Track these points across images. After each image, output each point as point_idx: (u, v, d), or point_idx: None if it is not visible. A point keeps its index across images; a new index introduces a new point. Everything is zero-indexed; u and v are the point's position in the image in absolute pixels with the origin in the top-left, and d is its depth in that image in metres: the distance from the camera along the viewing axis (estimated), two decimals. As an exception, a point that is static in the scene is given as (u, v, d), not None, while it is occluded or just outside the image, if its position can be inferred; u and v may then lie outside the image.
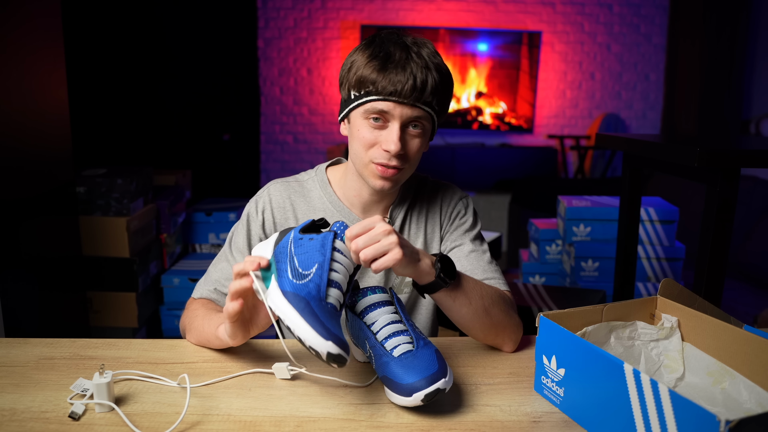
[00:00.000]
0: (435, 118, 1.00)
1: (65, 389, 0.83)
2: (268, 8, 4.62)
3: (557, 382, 0.82)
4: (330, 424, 0.76)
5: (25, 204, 1.82)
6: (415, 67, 0.93)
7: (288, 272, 0.80)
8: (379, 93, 0.94)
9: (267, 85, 4.73)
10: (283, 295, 0.77)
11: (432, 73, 0.94)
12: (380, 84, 0.93)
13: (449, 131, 4.81)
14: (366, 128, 0.98)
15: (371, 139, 0.97)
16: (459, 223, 1.13)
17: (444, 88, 0.97)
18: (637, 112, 4.85)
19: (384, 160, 0.97)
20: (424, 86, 0.93)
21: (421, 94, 0.94)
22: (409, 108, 0.95)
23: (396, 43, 0.96)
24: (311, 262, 0.80)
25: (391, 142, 0.95)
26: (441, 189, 1.15)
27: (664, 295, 0.93)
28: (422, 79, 0.93)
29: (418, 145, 0.99)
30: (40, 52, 1.89)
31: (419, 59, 0.94)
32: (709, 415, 0.60)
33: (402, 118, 0.95)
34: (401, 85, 0.92)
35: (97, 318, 2.45)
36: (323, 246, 0.82)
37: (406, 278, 1.11)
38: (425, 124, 0.98)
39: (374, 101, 0.95)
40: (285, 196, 1.10)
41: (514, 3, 4.68)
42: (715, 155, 1.27)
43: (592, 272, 2.41)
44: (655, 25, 4.71)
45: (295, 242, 0.83)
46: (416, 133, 0.98)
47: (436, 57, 0.97)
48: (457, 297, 0.91)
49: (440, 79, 0.96)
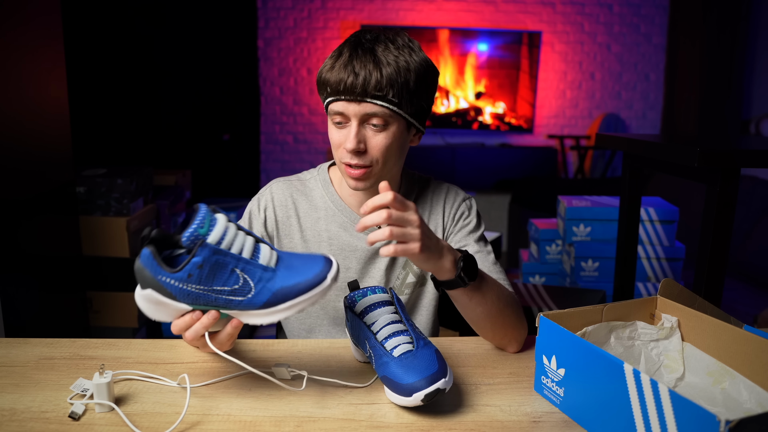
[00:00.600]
0: (401, 112, 0.97)
1: (65, 389, 0.83)
2: (268, 8, 4.62)
3: (557, 382, 0.82)
4: (330, 424, 0.76)
5: (25, 204, 1.82)
6: (358, 64, 0.93)
7: (227, 297, 0.75)
8: (330, 94, 0.96)
9: (267, 85, 4.73)
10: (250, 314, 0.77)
11: (381, 67, 0.93)
12: (330, 84, 0.95)
13: (449, 131, 4.81)
14: (333, 129, 1.00)
15: (337, 139, 0.99)
16: (463, 224, 1.12)
17: (404, 80, 0.95)
18: (637, 112, 4.85)
19: (347, 160, 0.98)
20: (366, 82, 0.92)
21: (365, 89, 0.93)
22: (357, 104, 0.94)
23: (350, 42, 0.97)
24: (223, 277, 0.74)
25: (347, 140, 0.96)
26: (444, 190, 1.15)
27: (664, 295, 0.93)
28: (364, 75, 0.92)
29: (384, 141, 0.97)
30: (40, 51, 1.89)
31: (366, 55, 0.93)
32: (709, 415, 0.60)
33: (357, 116, 0.95)
34: (343, 84, 0.93)
35: (97, 318, 2.45)
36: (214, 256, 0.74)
37: (408, 278, 1.11)
38: (387, 119, 0.96)
39: (331, 102, 0.97)
40: (287, 195, 1.11)
41: (514, 3, 4.68)
42: (715, 155, 1.27)
43: (592, 272, 2.41)
44: (655, 25, 4.71)
45: (184, 279, 0.73)
46: (377, 129, 0.97)
47: (398, 50, 0.95)
48: (473, 296, 0.91)
49: (393, 72, 0.93)
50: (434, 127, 4.77)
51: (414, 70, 0.96)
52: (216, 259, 0.73)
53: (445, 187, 1.15)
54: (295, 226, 1.10)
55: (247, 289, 0.75)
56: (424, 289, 1.13)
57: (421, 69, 0.97)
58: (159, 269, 0.73)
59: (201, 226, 0.73)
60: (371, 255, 1.09)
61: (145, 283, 0.75)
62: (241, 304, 0.76)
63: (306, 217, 1.10)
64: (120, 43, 3.94)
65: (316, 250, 1.09)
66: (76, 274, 2.19)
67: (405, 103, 0.96)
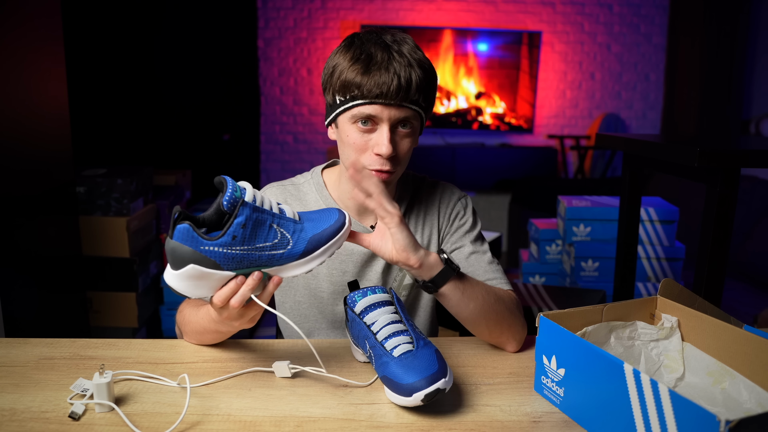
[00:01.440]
0: (423, 116, 0.98)
1: (65, 389, 0.83)
2: (268, 8, 4.62)
3: (557, 382, 0.82)
4: (330, 424, 0.76)
5: (25, 204, 1.82)
6: (398, 66, 0.92)
7: (270, 253, 0.79)
8: (365, 96, 0.92)
9: (267, 85, 4.73)
10: (290, 267, 0.82)
11: (415, 70, 0.93)
12: (365, 87, 0.92)
13: (449, 131, 4.81)
14: (355, 132, 0.96)
15: (361, 143, 0.96)
16: (459, 224, 1.12)
17: (429, 84, 0.96)
18: (637, 112, 4.85)
19: (378, 166, 0.96)
20: (409, 85, 0.92)
21: (407, 93, 0.92)
22: (396, 109, 0.93)
23: (376, 43, 0.94)
24: (264, 233, 0.78)
25: (383, 145, 0.94)
26: (439, 189, 1.14)
27: (664, 295, 0.93)
28: (406, 77, 0.91)
29: (409, 144, 0.98)
30: (40, 51, 1.89)
31: (401, 58, 0.93)
32: (709, 415, 0.60)
33: (391, 120, 0.94)
34: (386, 87, 0.91)
35: (97, 318, 2.45)
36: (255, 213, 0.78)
37: (406, 280, 1.11)
38: (414, 123, 0.97)
39: (361, 105, 0.93)
40: (281, 199, 1.10)
41: (514, 3, 4.68)
42: (715, 155, 1.27)
43: (592, 272, 2.41)
44: (655, 25, 4.71)
45: (228, 243, 0.76)
46: (406, 132, 0.97)
47: (417, 52, 0.95)
48: (465, 290, 0.91)
49: (424, 75, 0.94)
50: (434, 127, 4.77)
51: (430, 71, 0.96)
52: (256, 217, 0.77)
53: (440, 187, 1.15)
54: None
55: (285, 242, 0.80)
56: (422, 290, 1.13)
57: (433, 70, 0.98)
58: (201, 240, 0.74)
59: (235, 190, 0.76)
60: (368, 258, 1.08)
61: (183, 260, 0.75)
62: (282, 257, 0.80)
63: None
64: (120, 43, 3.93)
65: None
66: (76, 274, 2.19)
67: (428, 106, 0.98)
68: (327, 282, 1.08)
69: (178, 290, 0.78)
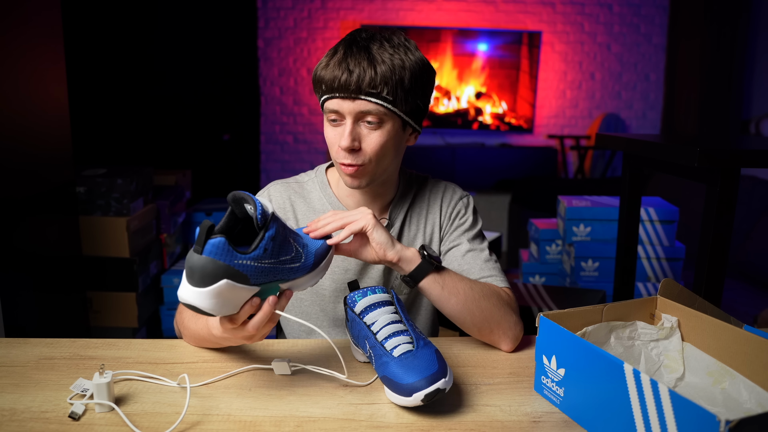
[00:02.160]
0: (395, 110, 0.97)
1: (65, 389, 0.83)
2: (268, 8, 4.62)
3: (557, 382, 0.82)
4: (330, 424, 0.76)
5: (25, 204, 1.82)
6: (353, 61, 0.93)
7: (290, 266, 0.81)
8: (326, 91, 0.96)
9: (267, 85, 4.73)
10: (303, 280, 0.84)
11: (375, 64, 0.93)
12: (324, 82, 0.95)
13: (449, 131, 4.81)
14: (328, 128, 1.00)
15: (332, 138, 0.99)
16: (458, 224, 1.12)
17: (399, 78, 0.94)
18: (637, 112, 4.85)
19: (342, 159, 0.98)
20: (360, 79, 0.92)
21: (359, 86, 0.93)
22: (352, 101, 0.94)
23: (345, 40, 0.97)
24: (285, 248, 0.79)
25: (342, 138, 0.96)
26: (441, 188, 1.15)
27: (664, 295, 0.93)
28: (359, 72, 0.92)
29: (378, 139, 0.97)
30: (40, 51, 1.89)
31: (361, 52, 0.93)
32: (709, 415, 0.60)
33: (352, 114, 0.95)
34: (337, 81, 0.93)
35: (97, 318, 2.45)
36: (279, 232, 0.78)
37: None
38: (382, 117, 0.96)
39: (326, 100, 0.97)
40: (285, 197, 1.10)
41: (514, 3, 4.68)
42: (715, 155, 1.27)
43: (592, 272, 2.41)
44: (655, 25, 4.71)
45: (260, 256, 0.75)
46: (372, 127, 0.97)
47: (393, 49, 0.95)
48: (445, 284, 0.93)
49: (388, 70, 0.93)
50: (434, 127, 4.77)
51: (409, 68, 0.96)
52: (281, 231, 0.78)
53: (442, 186, 1.15)
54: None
55: (299, 256, 0.82)
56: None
57: (416, 68, 0.97)
58: (235, 254, 0.72)
59: (262, 204, 0.76)
60: None
61: (216, 276, 0.71)
62: (299, 270, 0.82)
63: (304, 219, 1.10)
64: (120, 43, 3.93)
65: None
66: (76, 274, 2.19)
67: (399, 101, 0.96)
68: (329, 280, 1.08)
69: (204, 308, 0.72)
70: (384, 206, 1.11)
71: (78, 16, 3.30)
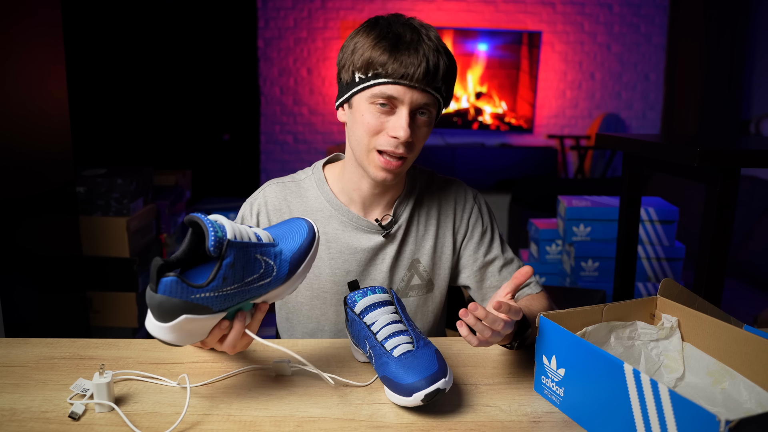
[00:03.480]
0: (441, 106, 0.97)
1: (65, 389, 0.83)
2: (268, 8, 4.62)
3: (557, 382, 0.82)
4: (330, 424, 0.76)
5: (25, 204, 1.82)
6: (427, 49, 0.89)
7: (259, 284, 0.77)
8: (389, 76, 0.89)
9: (267, 85, 4.72)
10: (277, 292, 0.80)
11: (443, 56, 0.91)
12: (390, 66, 0.89)
13: (449, 131, 4.81)
14: (371, 113, 0.93)
15: (376, 125, 0.93)
16: (481, 232, 1.11)
17: (452, 74, 0.94)
18: (637, 112, 4.85)
19: (391, 148, 0.93)
20: (437, 70, 0.90)
21: (434, 78, 0.90)
22: (420, 93, 0.91)
23: (405, 25, 0.93)
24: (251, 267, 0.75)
25: (400, 128, 0.91)
26: (453, 189, 1.12)
27: (664, 295, 0.93)
28: (434, 62, 0.89)
29: (425, 133, 0.96)
30: (40, 51, 1.89)
31: (430, 42, 0.91)
32: (709, 415, 0.60)
33: (412, 104, 0.91)
34: (414, 68, 0.88)
35: (97, 318, 2.45)
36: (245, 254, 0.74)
37: (413, 281, 1.09)
38: (432, 111, 0.95)
39: (383, 84, 0.90)
40: (281, 197, 1.08)
41: (514, 3, 4.67)
42: (715, 155, 1.27)
43: (592, 272, 2.41)
44: (655, 25, 4.71)
45: (220, 286, 0.72)
46: (424, 120, 0.95)
47: (442, 41, 0.95)
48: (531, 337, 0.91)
49: (450, 64, 0.93)
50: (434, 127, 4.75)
51: (454, 62, 0.96)
52: (243, 253, 0.73)
53: (453, 186, 1.13)
54: None
55: (270, 269, 0.77)
56: (431, 295, 1.11)
57: (455, 63, 0.97)
58: (191, 289, 0.70)
59: (215, 230, 0.71)
60: (372, 256, 1.06)
61: (173, 312, 0.70)
62: (270, 284, 0.78)
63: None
64: (120, 43, 3.93)
65: None
66: (76, 274, 2.19)
67: (448, 98, 0.97)
68: (330, 282, 1.06)
69: (169, 341, 0.72)
70: (389, 202, 1.08)
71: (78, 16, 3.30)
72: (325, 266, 1.06)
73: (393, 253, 1.06)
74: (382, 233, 1.05)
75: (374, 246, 1.05)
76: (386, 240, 1.05)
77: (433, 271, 1.10)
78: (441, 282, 1.11)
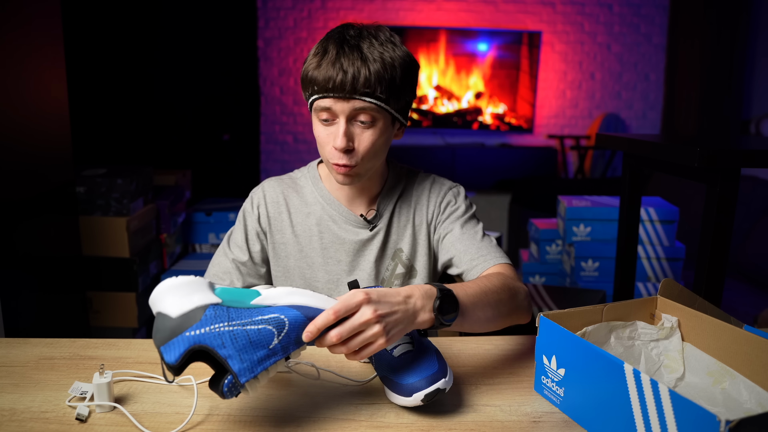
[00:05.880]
0: (388, 108, 0.97)
1: (65, 389, 0.83)
2: (268, 8, 4.62)
3: (557, 382, 0.82)
4: (330, 424, 0.76)
5: (25, 204, 1.82)
6: (346, 61, 0.93)
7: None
8: (319, 91, 0.96)
9: (267, 85, 4.72)
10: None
11: (368, 63, 0.93)
12: (317, 82, 0.95)
13: (449, 131, 4.80)
14: (319, 126, 1.01)
15: (323, 136, 1.00)
16: (450, 211, 1.13)
17: (391, 76, 0.95)
18: (637, 112, 4.85)
19: (336, 159, 0.99)
20: (356, 79, 0.93)
21: (354, 86, 0.93)
22: (346, 101, 0.95)
23: (334, 38, 0.97)
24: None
25: (336, 138, 0.97)
26: (429, 182, 1.16)
27: (664, 295, 0.93)
28: (353, 72, 0.92)
29: (371, 137, 0.98)
30: (40, 51, 1.89)
31: (353, 52, 0.94)
32: (709, 415, 0.60)
33: (345, 113, 0.96)
34: (332, 81, 0.93)
35: (97, 318, 2.45)
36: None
37: (397, 270, 1.12)
38: (375, 116, 0.97)
39: (317, 99, 0.97)
40: (278, 192, 1.13)
41: (514, 3, 4.67)
42: (715, 155, 1.27)
43: (592, 272, 2.41)
44: (655, 25, 4.71)
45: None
46: (365, 126, 0.97)
47: (382, 46, 0.95)
48: (464, 323, 0.85)
49: (381, 68, 0.94)
50: (434, 127, 4.77)
51: (399, 65, 0.97)
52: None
53: (430, 179, 1.16)
54: (287, 221, 1.12)
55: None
56: (413, 281, 1.14)
57: (405, 64, 0.98)
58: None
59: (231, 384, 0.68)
60: (360, 247, 1.11)
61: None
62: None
63: (297, 212, 1.12)
64: (120, 43, 3.93)
65: (306, 244, 1.11)
66: (76, 274, 2.19)
67: (392, 99, 0.97)
68: (322, 271, 1.11)
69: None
70: (372, 198, 1.13)
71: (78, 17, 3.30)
72: (317, 255, 1.11)
73: (379, 244, 1.11)
74: (368, 227, 1.11)
75: (361, 239, 1.11)
76: (372, 233, 1.11)
77: (414, 257, 1.13)
78: (421, 267, 1.13)
